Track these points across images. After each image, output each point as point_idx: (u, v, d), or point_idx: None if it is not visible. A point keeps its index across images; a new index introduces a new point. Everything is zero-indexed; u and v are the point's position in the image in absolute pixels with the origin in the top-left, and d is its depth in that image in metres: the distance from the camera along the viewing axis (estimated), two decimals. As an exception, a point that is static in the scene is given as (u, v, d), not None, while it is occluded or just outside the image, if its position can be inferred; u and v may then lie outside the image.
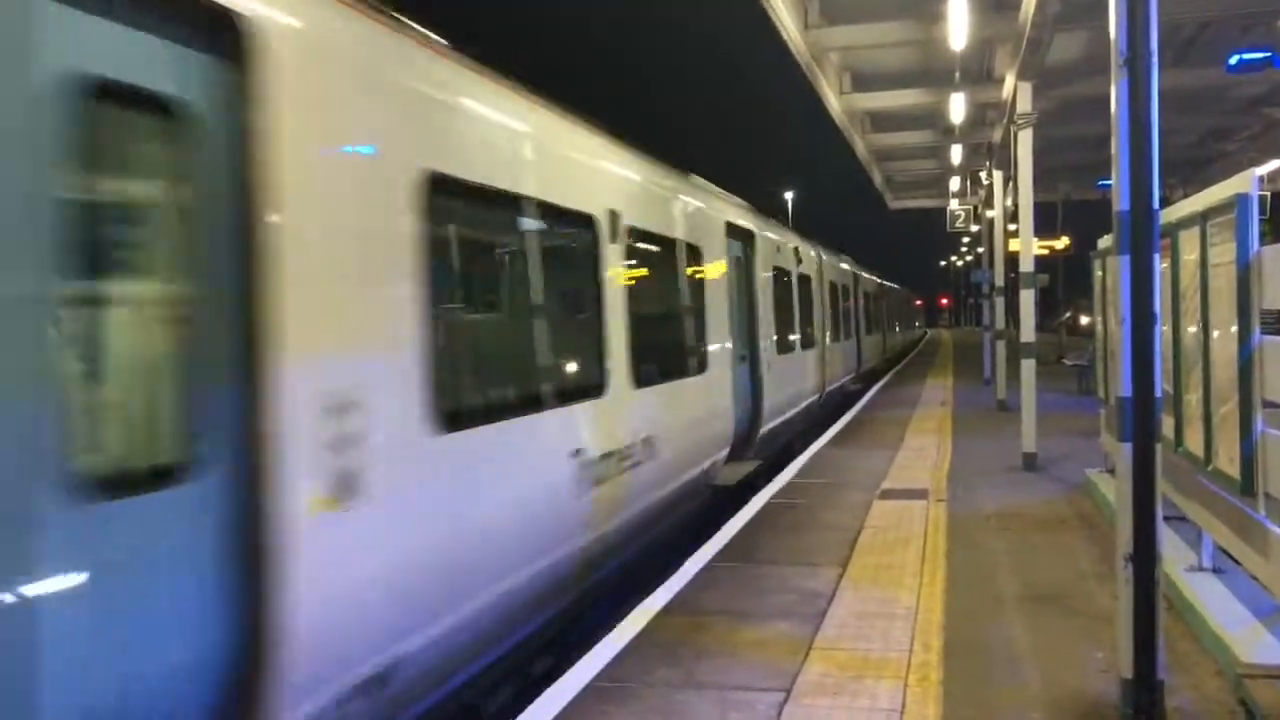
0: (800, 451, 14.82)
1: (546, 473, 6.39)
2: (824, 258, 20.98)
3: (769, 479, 12.39)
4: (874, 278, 35.23)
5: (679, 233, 10.09)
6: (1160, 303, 4.76)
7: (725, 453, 11.40)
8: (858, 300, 28.29)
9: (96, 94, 3.33)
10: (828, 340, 20.44)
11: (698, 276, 10.73)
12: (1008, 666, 5.82)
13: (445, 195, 5.29)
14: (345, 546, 4.21)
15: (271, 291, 3.85)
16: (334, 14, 4.56)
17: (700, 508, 10.67)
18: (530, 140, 6.57)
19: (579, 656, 6.21)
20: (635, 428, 8.04)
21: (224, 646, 3.69)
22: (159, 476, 3.55)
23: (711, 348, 10.89)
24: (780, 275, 15.52)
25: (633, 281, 8.41)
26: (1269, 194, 5.86)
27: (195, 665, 3.61)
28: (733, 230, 12.46)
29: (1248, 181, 5.48)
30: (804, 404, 16.83)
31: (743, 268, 13.14)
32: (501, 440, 5.79)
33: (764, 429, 13.16)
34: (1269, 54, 15.32)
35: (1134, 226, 4.56)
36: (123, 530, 3.38)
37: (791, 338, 16.32)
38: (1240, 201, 5.47)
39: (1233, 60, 15.64)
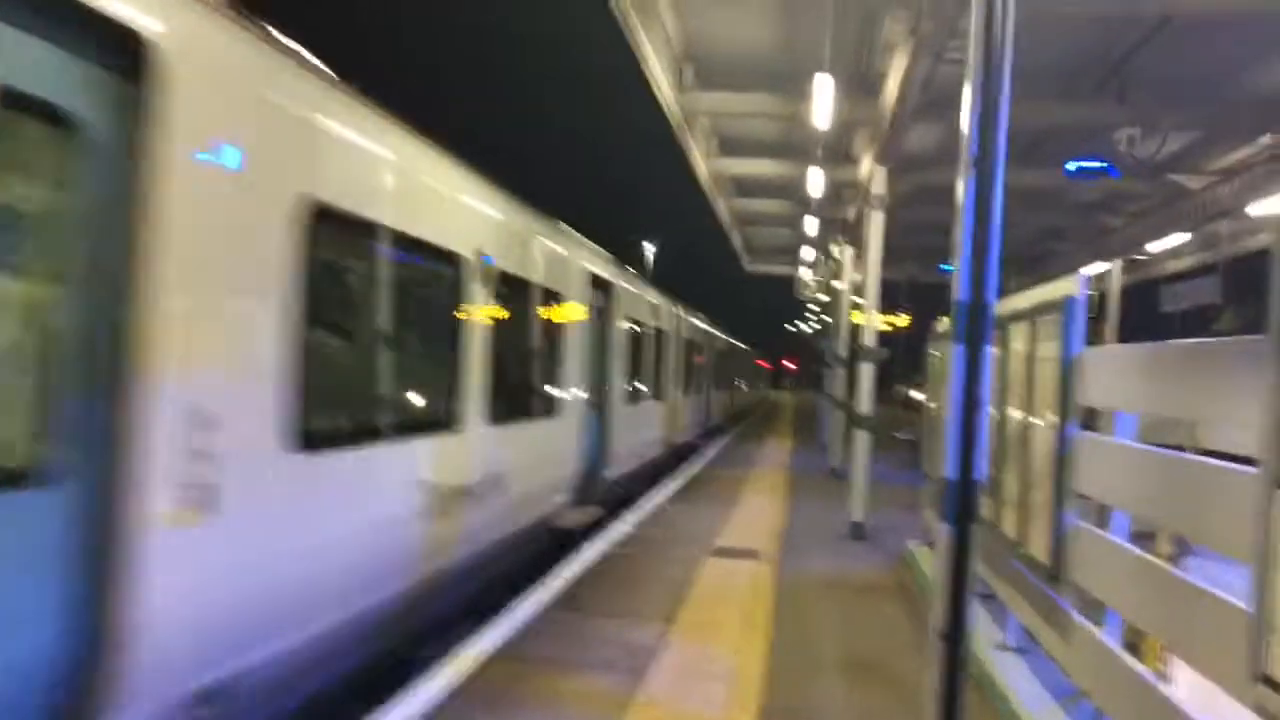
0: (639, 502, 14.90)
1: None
2: (681, 315, 21.56)
3: (603, 526, 12.39)
4: (725, 336, 35.97)
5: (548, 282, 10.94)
6: (988, 389, 4.98)
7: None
8: (710, 358, 29.08)
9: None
10: (680, 394, 21.35)
11: (557, 324, 11.28)
12: (820, 733, 5.93)
13: None
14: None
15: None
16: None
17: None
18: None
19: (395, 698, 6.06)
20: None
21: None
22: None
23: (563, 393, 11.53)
24: (636, 328, 16.42)
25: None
26: (1098, 294, 6.24)
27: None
28: (596, 281, 13.29)
29: (1076, 284, 5.82)
30: (651, 455, 17.87)
31: (602, 319, 14.03)
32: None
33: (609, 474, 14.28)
34: (1105, 165, 16.39)
35: (970, 317, 4.78)
36: None
37: (643, 389, 17.41)
38: (1068, 303, 5.80)
39: (1072, 167, 16.67)
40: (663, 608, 8.55)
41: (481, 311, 8.37)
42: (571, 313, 11.72)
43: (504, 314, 9.03)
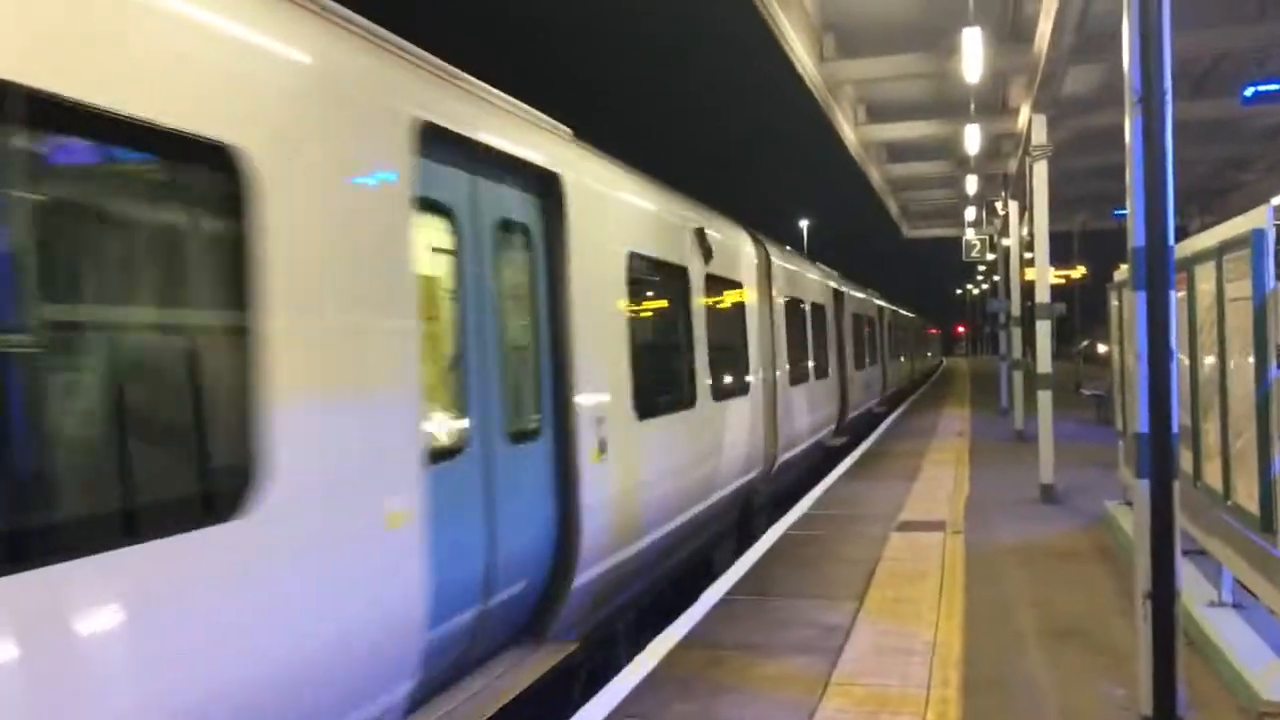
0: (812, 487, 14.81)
1: None
2: (881, 304, 26.45)
3: (784, 510, 12.36)
4: (899, 310, 35.98)
5: None
6: (1177, 335, 4.76)
7: None
8: (895, 333, 33.48)
9: None
10: (879, 363, 22.75)
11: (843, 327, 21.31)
12: (1027, 703, 5.78)
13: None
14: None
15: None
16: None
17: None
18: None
19: (596, 689, 6.21)
20: None
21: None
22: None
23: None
24: (858, 320, 21.84)
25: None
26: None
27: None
28: (835, 294, 20.22)
29: (1263, 217, 5.49)
30: (868, 405, 22.30)
31: (838, 318, 20.77)
32: None
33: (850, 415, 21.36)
34: (1285, 86, 15.32)
35: (1150, 263, 4.58)
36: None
37: (865, 361, 22.18)
38: (1256, 237, 5.47)
39: (1248, 92, 15.64)
40: (852, 586, 8.48)
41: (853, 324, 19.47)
42: (840, 319, 19.84)
43: (812, 321, 16.75)
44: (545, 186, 6.51)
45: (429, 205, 5.13)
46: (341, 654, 4.14)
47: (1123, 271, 9.90)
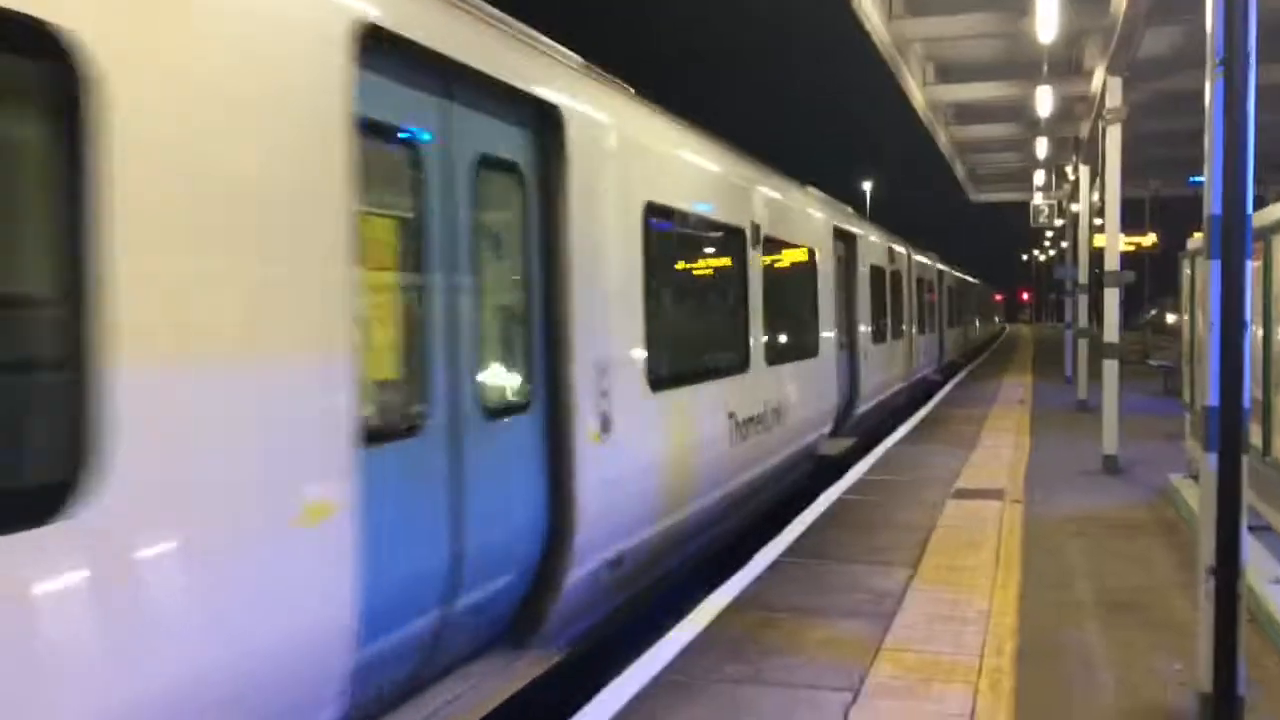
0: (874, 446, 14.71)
1: None
2: (948, 270, 28.37)
3: (838, 475, 12.31)
4: (966, 277, 37.57)
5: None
6: (1250, 307, 4.62)
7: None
8: (959, 299, 35.52)
9: None
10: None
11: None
12: (1082, 675, 5.72)
13: None
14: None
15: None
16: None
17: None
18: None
19: (643, 651, 6.25)
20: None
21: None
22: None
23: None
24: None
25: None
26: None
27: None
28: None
29: (1348, 185, 5.31)
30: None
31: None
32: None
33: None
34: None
35: (1226, 232, 4.44)
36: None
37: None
38: (1339, 206, 5.29)
39: (1336, 55, 15.07)
40: (906, 552, 8.43)
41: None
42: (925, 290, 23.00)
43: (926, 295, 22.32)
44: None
45: None
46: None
47: (1196, 240, 9.66)
